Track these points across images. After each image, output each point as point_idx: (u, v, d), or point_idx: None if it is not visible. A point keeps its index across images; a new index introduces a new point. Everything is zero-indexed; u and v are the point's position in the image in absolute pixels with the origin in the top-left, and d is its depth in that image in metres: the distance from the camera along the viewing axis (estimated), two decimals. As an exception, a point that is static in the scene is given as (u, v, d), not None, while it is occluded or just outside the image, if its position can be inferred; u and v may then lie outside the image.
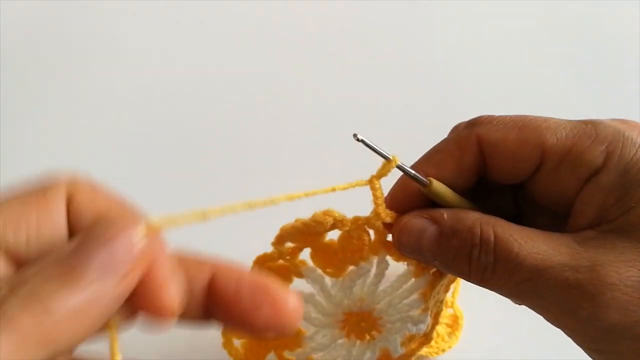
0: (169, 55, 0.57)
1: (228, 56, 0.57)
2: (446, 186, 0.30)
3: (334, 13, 0.59)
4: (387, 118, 0.54)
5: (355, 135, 0.28)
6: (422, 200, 0.31)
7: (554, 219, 0.30)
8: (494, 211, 0.30)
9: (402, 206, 0.32)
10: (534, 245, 0.27)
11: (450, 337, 0.44)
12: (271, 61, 0.56)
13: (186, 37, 0.58)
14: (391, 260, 0.33)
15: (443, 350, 0.43)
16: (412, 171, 0.30)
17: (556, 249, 0.27)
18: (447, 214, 0.30)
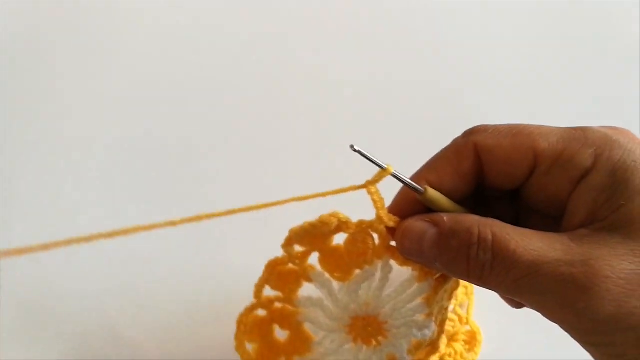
0: (169, 54, 0.57)
1: (225, 58, 0.57)
2: (441, 194, 0.32)
3: (333, 13, 0.60)
4: (388, 123, 0.54)
5: (352, 146, 0.30)
6: (422, 208, 0.33)
7: (548, 223, 0.31)
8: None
9: (405, 212, 0.33)
10: (530, 243, 0.28)
11: (469, 353, 0.44)
12: (268, 64, 0.57)
13: (186, 36, 0.58)
14: (396, 266, 0.35)
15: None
16: (408, 180, 0.32)
17: (551, 246, 0.28)
18: (447, 217, 0.31)
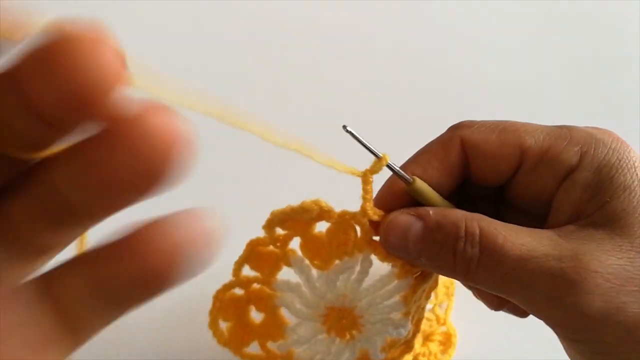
0: (169, 53, 0.55)
1: (227, 51, 0.57)
2: (429, 187, 0.31)
3: (331, 12, 0.59)
4: (380, 116, 0.54)
5: (345, 126, 0.29)
6: (408, 201, 0.32)
7: (532, 223, 0.31)
8: None
9: (389, 205, 0.33)
10: (517, 237, 0.28)
11: (443, 355, 0.44)
12: (267, 57, 0.56)
13: (186, 35, 0.57)
14: (376, 261, 0.34)
15: (435, 367, 0.43)
16: (397, 168, 0.31)
17: (539, 241, 0.28)
18: (433, 210, 0.31)
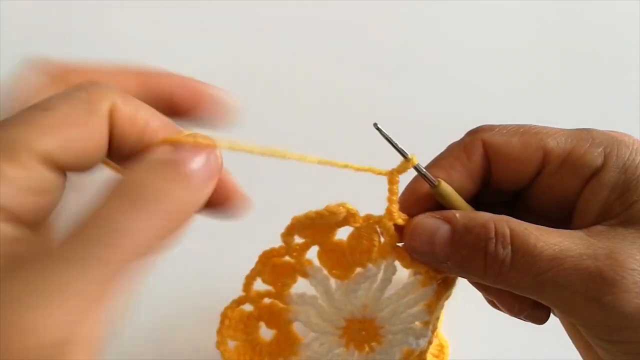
0: (168, 52, 0.56)
1: (241, 51, 0.57)
2: (453, 190, 0.31)
3: (346, 12, 0.59)
4: (385, 118, 0.54)
5: (376, 124, 0.29)
6: (432, 204, 0.32)
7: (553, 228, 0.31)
8: None
9: (413, 209, 0.32)
10: (549, 237, 0.28)
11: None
12: (285, 56, 0.57)
13: (186, 35, 0.57)
14: (399, 268, 0.33)
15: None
16: (424, 169, 0.31)
17: (571, 241, 0.28)
18: (459, 213, 0.30)
